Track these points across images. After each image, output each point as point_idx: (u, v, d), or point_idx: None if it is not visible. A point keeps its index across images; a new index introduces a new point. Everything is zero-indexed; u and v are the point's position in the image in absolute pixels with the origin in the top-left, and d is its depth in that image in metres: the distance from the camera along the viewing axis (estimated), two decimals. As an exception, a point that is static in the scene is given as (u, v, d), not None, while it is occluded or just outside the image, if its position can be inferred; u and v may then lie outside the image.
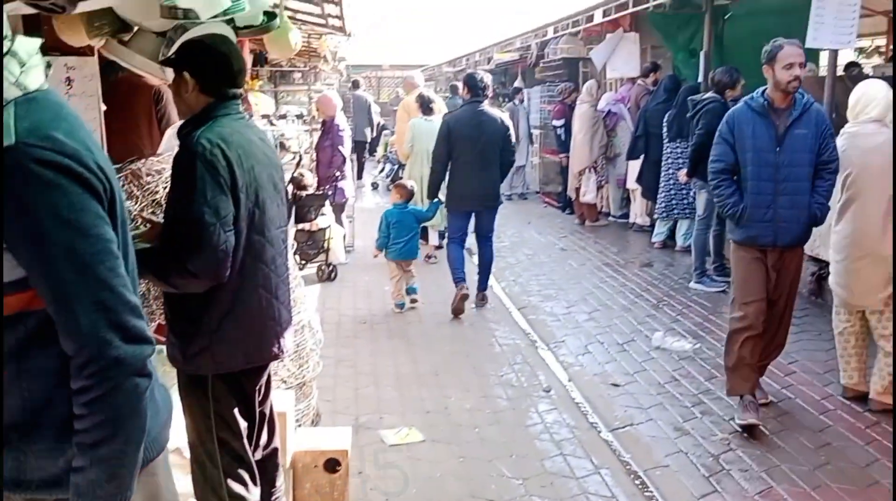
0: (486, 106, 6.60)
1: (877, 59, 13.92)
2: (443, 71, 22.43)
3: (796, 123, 4.09)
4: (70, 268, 1.40)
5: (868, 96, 4.36)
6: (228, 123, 2.52)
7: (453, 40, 23.55)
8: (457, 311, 6.49)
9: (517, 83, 15.22)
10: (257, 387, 2.75)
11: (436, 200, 6.69)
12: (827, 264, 5.19)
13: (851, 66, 9.85)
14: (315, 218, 7.28)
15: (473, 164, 6.42)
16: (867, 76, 8.48)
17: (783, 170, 4.09)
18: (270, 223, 2.60)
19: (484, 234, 6.75)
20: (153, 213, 3.58)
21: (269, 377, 2.85)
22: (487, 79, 6.71)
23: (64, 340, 1.43)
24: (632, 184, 9.77)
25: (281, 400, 3.30)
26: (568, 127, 10.82)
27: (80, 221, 1.41)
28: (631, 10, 9.00)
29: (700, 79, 8.55)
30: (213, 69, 2.55)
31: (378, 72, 27.03)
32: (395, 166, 13.36)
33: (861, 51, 14.71)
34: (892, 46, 8.04)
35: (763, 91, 4.20)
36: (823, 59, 8.04)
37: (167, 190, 3.03)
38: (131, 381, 1.46)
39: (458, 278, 6.57)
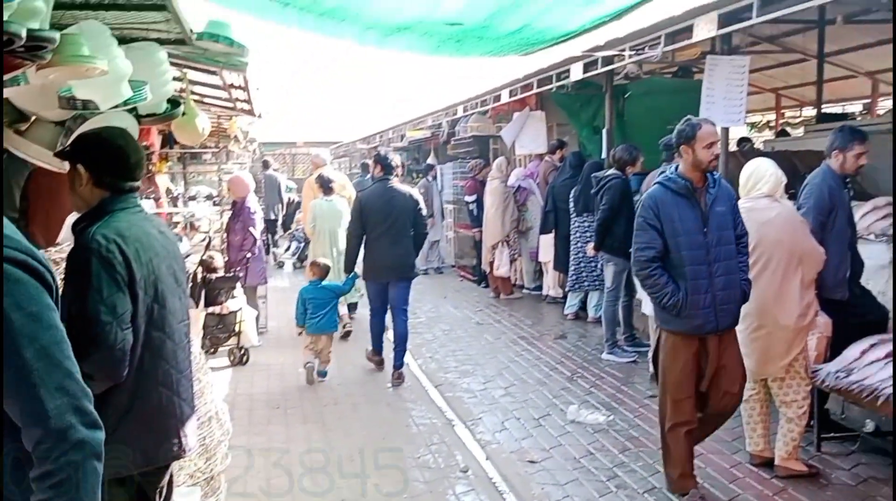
0: (396, 182, 6.96)
1: (767, 134, 14.81)
2: (357, 147, 22.67)
3: (716, 201, 4.07)
4: (36, 357, 1.51)
5: (758, 174, 4.59)
6: (125, 218, 2.47)
7: (367, 117, 23.87)
8: (369, 359, 7.23)
9: (430, 160, 15.48)
10: (158, 489, 2.63)
11: (352, 274, 6.99)
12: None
13: (743, 141, 10.44)
14: (226, 301, 7.13)
15: (386, 237, 6.74)
16: (758, 150, 9.00)
17: (713, 250, 4.00)
18: (171, 317, 2.54)
19: (398, 306, 6.90)
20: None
21: (171, 476, 2.74)
22: (397, 158, 7.22)
23: (28, 427, 1.52)
24: (544, 257, 9.97)
25: (186, 499, 3.16)
26: (480, 202, 11.04)
27: (40, 313, 1.54)
28: (536, 90, 9.35)
29: (604, 155, 8.89)
30: (108, 163, 2.51)
31: (292, 149, 27.09)
32: (302, 244, 13.43)
33: (753, 125, 15.65)
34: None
35: (676, 171, 4.14)
36: (717, 135, 8.46)
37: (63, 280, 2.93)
38: (91, 463, 1.57)
39: (377, 350, 7.18)
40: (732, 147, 8.52)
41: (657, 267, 4.03)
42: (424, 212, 7.10)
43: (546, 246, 9.73)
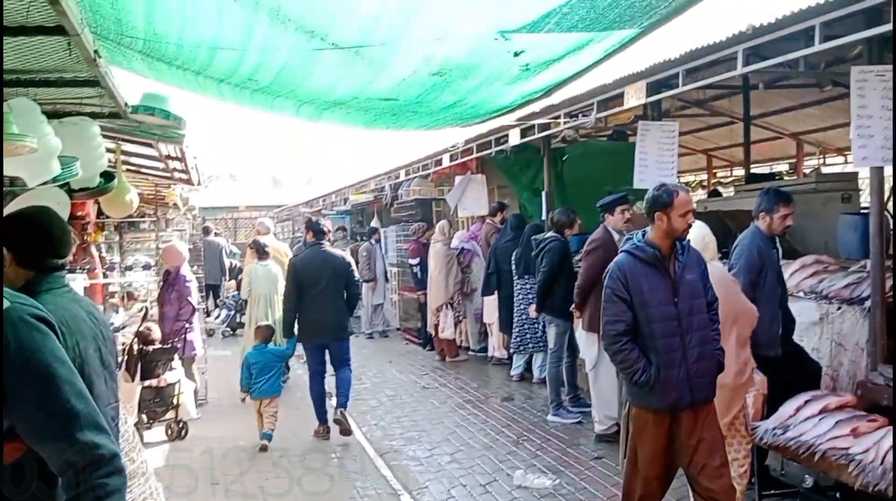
0: (328, 246, 7.27)
1: (701, 193, 15.23)
2: (300, 211, 22.62)
3: (686, 269, 3.91)
4: (75, 397, 1.73)
5: (699, 238, 4.71)
6: (52, 300, 2.40)
7: (311, 181, 23.91)
8: (316, 435, 7.11)
9: (374, 223, 15.54)
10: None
11: (293, 337, 7.13)
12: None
13: (678, 201, 10.70)
14: (163, 373, 6.95)
15: (320, 299, 6.98)
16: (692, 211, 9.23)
17: (685, 321, 3.83)
18: (97, 402, 2.44)
19: (340, 364, 7.17)
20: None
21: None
22: (328, 223, 7.60)
23: (73, 456, 1.70)
24: (488, 318, 10.00)
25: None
26: (424, 265, 11.07)
27: (65, 361, 1.77)
28: (475, 154, 9.52)
29: (544, 216, 9.03)
30: (30, 242, 2.44)
31: (234, 213, 26.91)
32: (231, 312, 13.39)
33: (687, 185, 16.12)
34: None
35: (643, 238, 3.97)
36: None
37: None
38: (125, 489, 1.81)
39: (321, 420, 7.12)
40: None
41: (627, 341, 3.84)
42: (357, 275, 7.45)
43: (490, 308, 9.77)
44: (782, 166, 14.07)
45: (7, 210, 3.16)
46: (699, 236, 4.65)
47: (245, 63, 4.21)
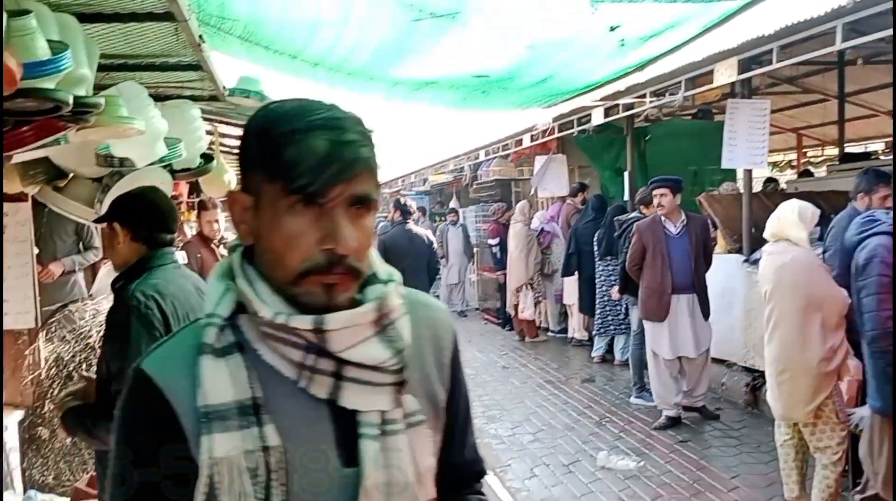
0: (412, 225, 7.98)
1: (790, 173, 14.76)
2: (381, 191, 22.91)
3: None
4: None
5: (775, 219, 4.59)
6: (163, 275, 2.53)
7: (393, 161, 24.09)
8: None
9: (452, 204, 15.60)
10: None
11: None
12: (761, 373, 5.31)
13: (769, 181, 10.39)
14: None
15: (406, 273, 7.23)
16: (782, 191, 8.97)
17: None
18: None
19: None
20: (86, 359, 3.51)
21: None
22: (413, 204, 8.51)
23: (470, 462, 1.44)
24: (568, 299, 9.96)
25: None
26: (503, 245, 11.08)
27: None
28: (557, 135, 9.45)
29: (626, 197, 8.92)
30: (141, 216, 2.58)
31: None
32: None
33: (775, 165, 15.62)
34: None
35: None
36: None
37: (101, 335, 2.99)
38: None
39: None
40: (757, 187, 8.50)
41: None
42: (438, 252, 8.20)
43: (570, 289, 9.72)
44: (878, 145, 13.49)
45: (114, 190, 3.33)
46: (801, 210, 4.49)
47: (341, 44, 4.27)
